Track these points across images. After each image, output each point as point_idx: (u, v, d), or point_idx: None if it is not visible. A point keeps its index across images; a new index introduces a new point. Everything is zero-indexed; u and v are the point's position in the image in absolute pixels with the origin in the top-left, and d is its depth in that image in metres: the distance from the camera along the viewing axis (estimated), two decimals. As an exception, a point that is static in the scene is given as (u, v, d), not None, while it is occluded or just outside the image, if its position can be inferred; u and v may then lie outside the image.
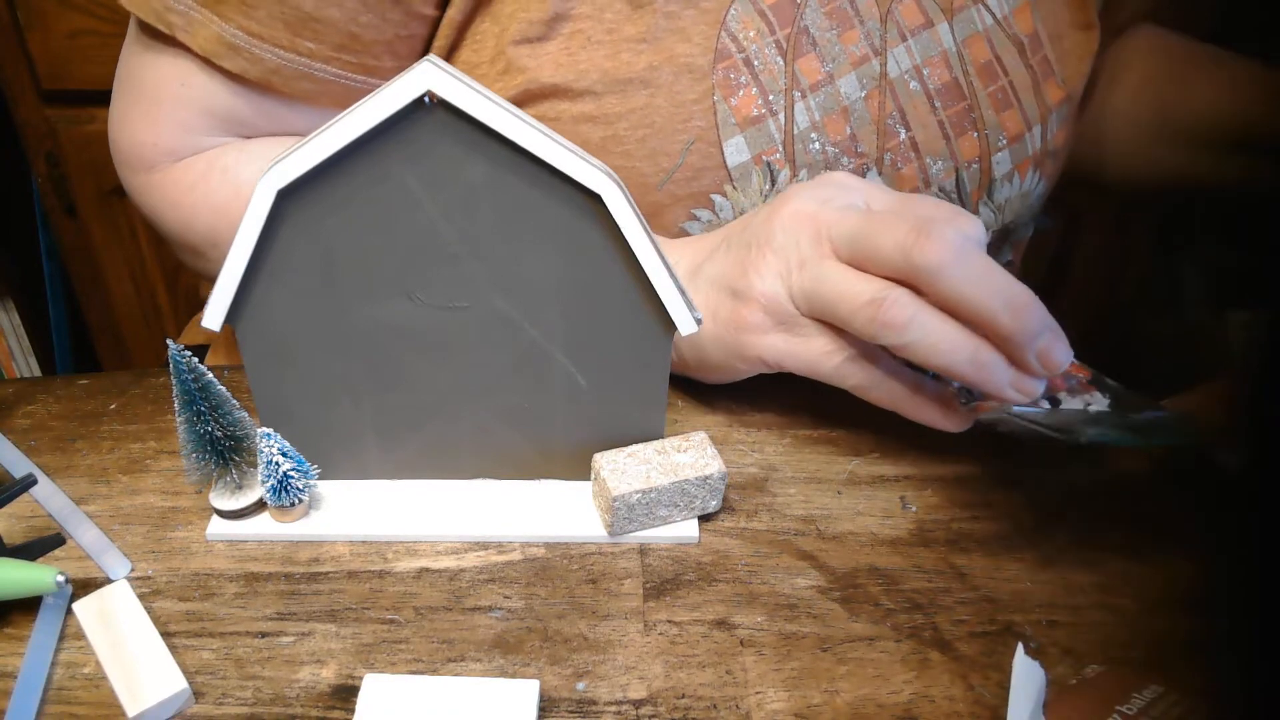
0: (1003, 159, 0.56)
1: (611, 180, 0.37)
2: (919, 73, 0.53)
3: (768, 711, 0.35)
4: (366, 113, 0.35)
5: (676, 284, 0.39)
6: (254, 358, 0.41)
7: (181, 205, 0.54)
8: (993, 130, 0.55)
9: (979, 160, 0.55)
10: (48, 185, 1.21)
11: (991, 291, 0.38)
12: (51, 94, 1.15)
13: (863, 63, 0.51)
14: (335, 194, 0.37)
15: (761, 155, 0.50)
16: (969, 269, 0.38)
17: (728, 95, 0.49)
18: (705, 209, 0.51)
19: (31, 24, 1.09)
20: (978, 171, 0.55)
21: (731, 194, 0.51)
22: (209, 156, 0.53)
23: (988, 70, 0.54)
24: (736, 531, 0.43)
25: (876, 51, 0.52)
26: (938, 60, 0.53)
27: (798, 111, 0.50)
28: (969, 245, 0.39)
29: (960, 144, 0.54)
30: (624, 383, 0.42)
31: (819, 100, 0.51)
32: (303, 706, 0.35)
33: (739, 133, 0.50)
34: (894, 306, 0.39)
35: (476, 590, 0.40)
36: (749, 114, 0.50)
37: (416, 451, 0.44)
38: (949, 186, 0.55)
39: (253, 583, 0.40)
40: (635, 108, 0.49)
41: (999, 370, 0.39)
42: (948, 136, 0.53)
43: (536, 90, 0.50)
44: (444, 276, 0.39)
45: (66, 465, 0.46)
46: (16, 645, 0.37)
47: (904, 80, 0.52)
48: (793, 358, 0.44)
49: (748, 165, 0.50)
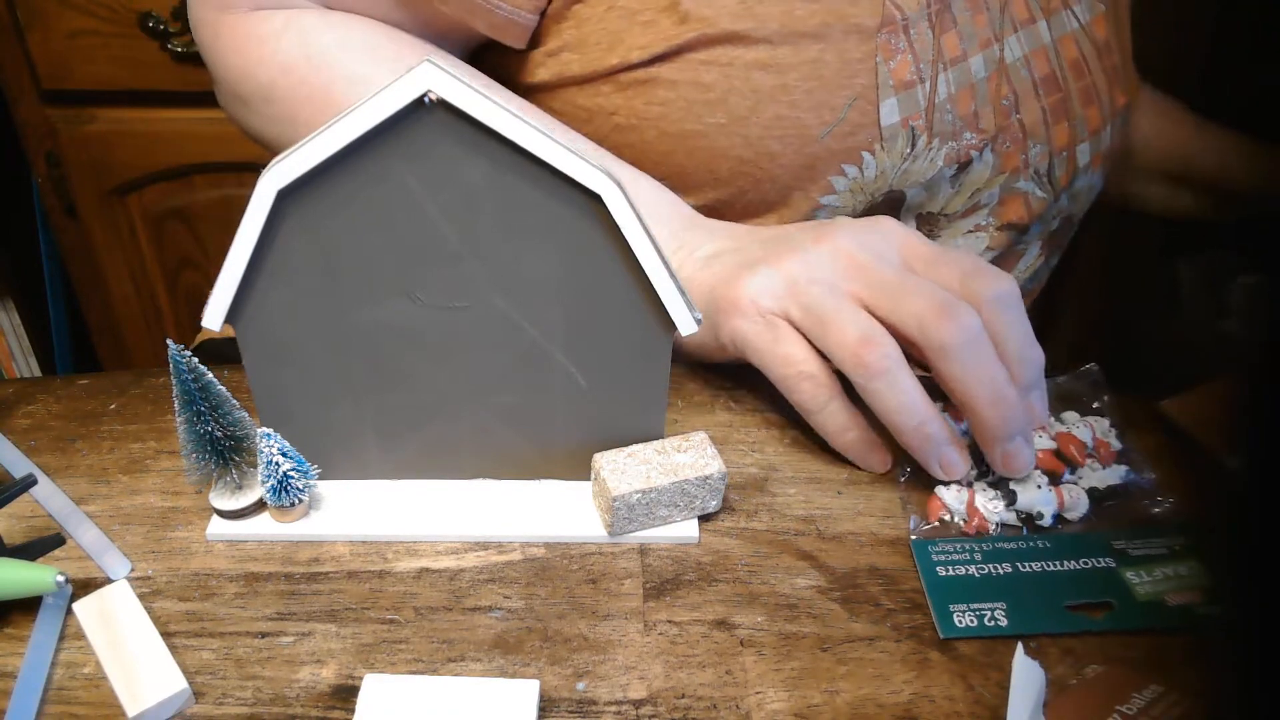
0: (1084, 150, 0.60)
1: (611, 180, 0.37)
2: (1027, 62, 0.56)
3: (768, 711, 0.35)
4: (366, 113, 0.35)
5: (676, 284, 0.39)
6: (254, 358, 0.41)
7: (247, 53, 0.54)
8: (1079, 123, 0.59)
9: (1068, 149, 0.58)
10: (48, 185, 1.21)
11: (984, 384, 0.41)
12: (51, 94, 1.15)
13: (987, 46, 0.55)
14: (335, 194, 0.37)
15: (908, 119, 0.53)
16: (972, 358, 0.41)
17: (888, 58, 0.52)
18: (854, 165, 0.53)
19: (31, 24, 1.09)
20: (1066, 159, 0.59)
21: (879, 153, 0.53)
22: (289, 15, 0.54)
23: (1076, 67, 0.59)
24: (736, 531, 0.43)
25: (997, 38, 0.55)
26: (1040, 53, 0.57)
27: (940, 82, 0.53)
28: (981, 336, 0.41)
29: (1055, 131, 0.57)
30: (624, 383, 0.42)
31: (956, 75, 0.54)
32: (303, 706, 0.35)
33: (894, 95, 0.52)
34: (878, 352, 0.41)
35: (476, 590, 0.40)
36: (904, 78, 0.52)
37: (416, 451, 0.44)
38: (1043, 170, 0.58)
39: (253, 583, 0.40)
40: (807, 60, 0.51)
41: (937, 445, 0.42)
42: (1047, 123, 0.57)
43: (714, 36, 0.51)
44: (444, 276, 0.39)
45: (66, 465, 0.46)
46: (16, 645, 0.37)
47: (1016, 67, 0.56)
48: (755, 350, 0.45)
49: (896, 127, 0.53)
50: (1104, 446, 0.45)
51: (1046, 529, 0.42)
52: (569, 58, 0.55)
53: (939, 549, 0.41)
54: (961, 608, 0.38)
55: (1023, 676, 0.35)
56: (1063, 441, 0.45)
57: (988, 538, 0.42)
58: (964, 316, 0.40)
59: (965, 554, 0.41)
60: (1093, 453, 0.45)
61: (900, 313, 0.42)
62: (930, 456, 0.43)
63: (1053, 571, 0.40)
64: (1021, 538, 0.42)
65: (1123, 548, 0.41)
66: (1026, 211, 0.59)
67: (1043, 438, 0.45)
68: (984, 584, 0.39)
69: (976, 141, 0.55)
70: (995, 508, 0.42)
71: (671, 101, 0.53)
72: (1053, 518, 0.42)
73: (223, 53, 0.56)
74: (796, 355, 0.44)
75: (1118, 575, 0.40)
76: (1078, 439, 0.45)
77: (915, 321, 0.41)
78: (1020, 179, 0.57)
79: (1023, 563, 0.40)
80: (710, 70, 0.51)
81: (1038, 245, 0.63)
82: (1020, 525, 0.43)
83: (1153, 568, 0.40)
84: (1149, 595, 0.39)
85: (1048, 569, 0.40)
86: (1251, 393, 0.22)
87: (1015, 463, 0.42)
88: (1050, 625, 0.38)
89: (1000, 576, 0.40)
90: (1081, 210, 0.64)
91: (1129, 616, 0.38)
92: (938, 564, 0.40)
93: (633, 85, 0.53)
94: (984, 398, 0.41)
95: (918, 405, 0.42)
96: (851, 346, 0.41)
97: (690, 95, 0.52)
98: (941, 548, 0.41)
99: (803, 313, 0.43)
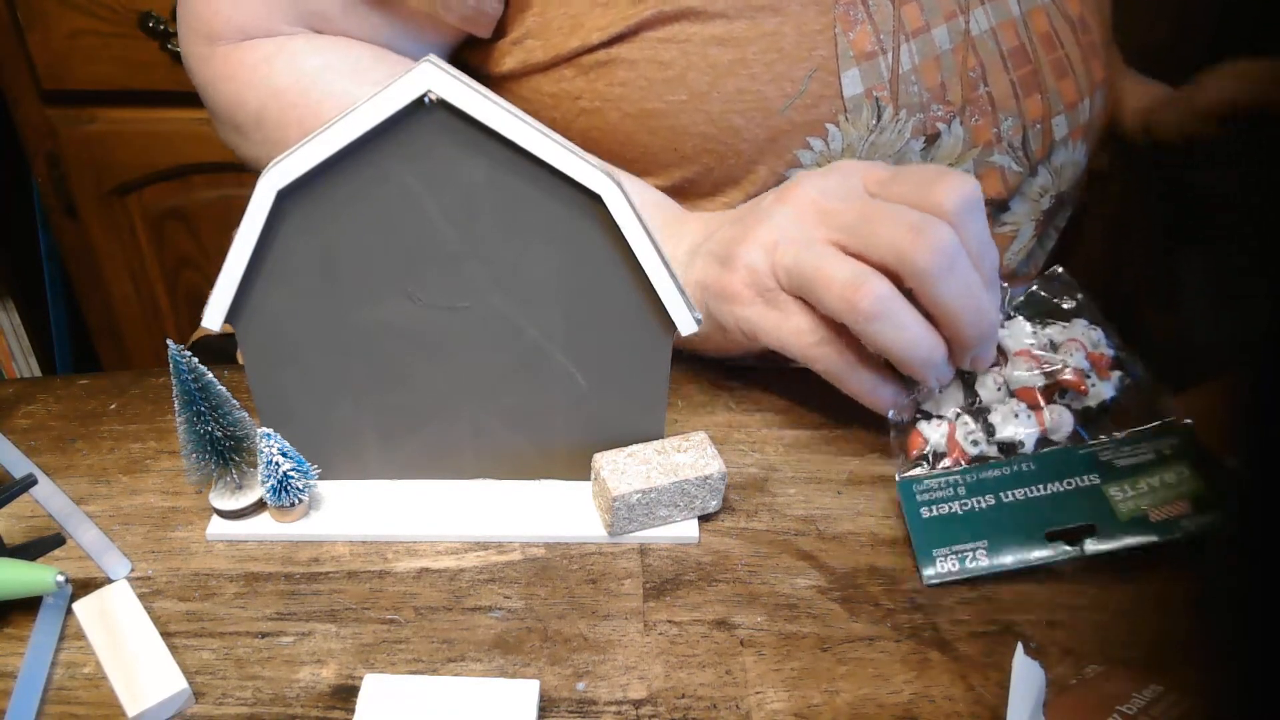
0: (1060, 123, 0.59)
1: (611, 180, 0.37)
2: (994, 34, 0.56)
3: (768, 711, 0.35)
4: (366, 113, 0.35)
5: (676, 284, 0.39)
6: (254, 358, 0.41)
7: (238, 80, 0.55)
8: (1053, 95, 0.58)
9: (1041, 121, 0.58)
10: (48, 185, 1.21)
11: (964, 299, 0.41)
12: (51, 94, 1.15)
13: (952, 17, 0.55)
14: (335, 194, 0.37)
15: (872, 90, 0.53)
16: (952, 277, 0.41)
17: (847, 29, 0.52)
18: (819, 138, 0.53)
19: (31, 24, 1.09)
20: (1040, 132, 0.58)
21: (844, 125, 0.53)
22: (279, 41, 0.55)
23: (1047, 40, 0.58)
24: (736, 531, 0.43)
25: (962, 10, 0.55)
26: (1008, 25, 0.57)
27: (903, 53, 0.53)
28: (958, 253, 0.41)
29: (1027, 104, 0.57)
30: (624, 383, 0.42)
31: (919, 46, 0.54)
32: (303, 706, 0.35)
33: (855, 65, 0.52)
34: (870, 294, 0.41)
35: (476, 590, 0.40)
36: (865, 49, 0.52)
37: (417, 451, 0.44)
38: (1016, 143, 0.58)
39: (253, 583, 0.40)
40: (765, 33, 0.51)
41: (940, 369, 0.43)
42: (1017, 95, 0.57)
43: (670, 13, 0.51)
44: (444, 276, 0.39)
45: (66, 465, 0.46)
46: (16, 645, 0.37)
47: (983, 39, 0.56)
48: (766, 332, 0.45)
49: (860, 98, 0.53)
50: (1099, 361, 0.44)
51: (1032, 454, 0.42)
52: (533, 44, 0.55)
53: (923, 486, 0.41)
54: (944, 551, 0.38)
55: (1022, 676, 0.35)
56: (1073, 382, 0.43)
57: (972, 468, 0.41)
58: (937, 235, 0.40)
59: (949, 489, 0.40)
60: (1090, 372, 0.44)
61: (876, 246, 0.41)
62: (934, 380, 0.43)
63: (1036, 497, 0.40)
64: (1005, 463, 0.41)
65: (1109, 458, 0.41)
66: (1003, 185, 0.59)
67: (1033, 372, 0.44)
68: (966, 521, 0.39)
69: (944, 114, 0.55)
70: (976, 440, 0.42)
71: (632, 81, 0.53)
72: (1035, 443, 0.42)
73: (215, 83, 0.57)
74: (805, 325, 0.44)
75: (1101, 493, 0.40)
76: (1076, 370, 0.43)
77: (891, 252, 0.41)
78: (994, 152, 0.57)
79: (1006, 491, 0.40)
80: (668, 48, 0.52)
81: (1031, 226, 0.62)
82: (1000, 455, 0.42)
83: (1137, 480, 0.40)
84: (1132, 511, 0.39)
85: (1031, 494, 0.40)
86: (1251, 393, 0.22)
87: (983, 364, 0.43)
88: (1029, 555, 0.38)
89: (983, 510, 0.40)
90: (1071, 188, 0.64)
91: (1110, 536, 0.38)
92: (922, 504, 0.40)
93: (594, 67, 0.54)
94: (968, 313, 0.41)
95: (924, 337, 0.41)
96: (841, 295, 0.41)
97: (650, 74, 0.52)
98: (925, 484, 0.41)
99: (787, 276, 0.43)
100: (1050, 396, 0.43)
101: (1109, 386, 0.44)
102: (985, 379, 0.44)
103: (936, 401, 0.44)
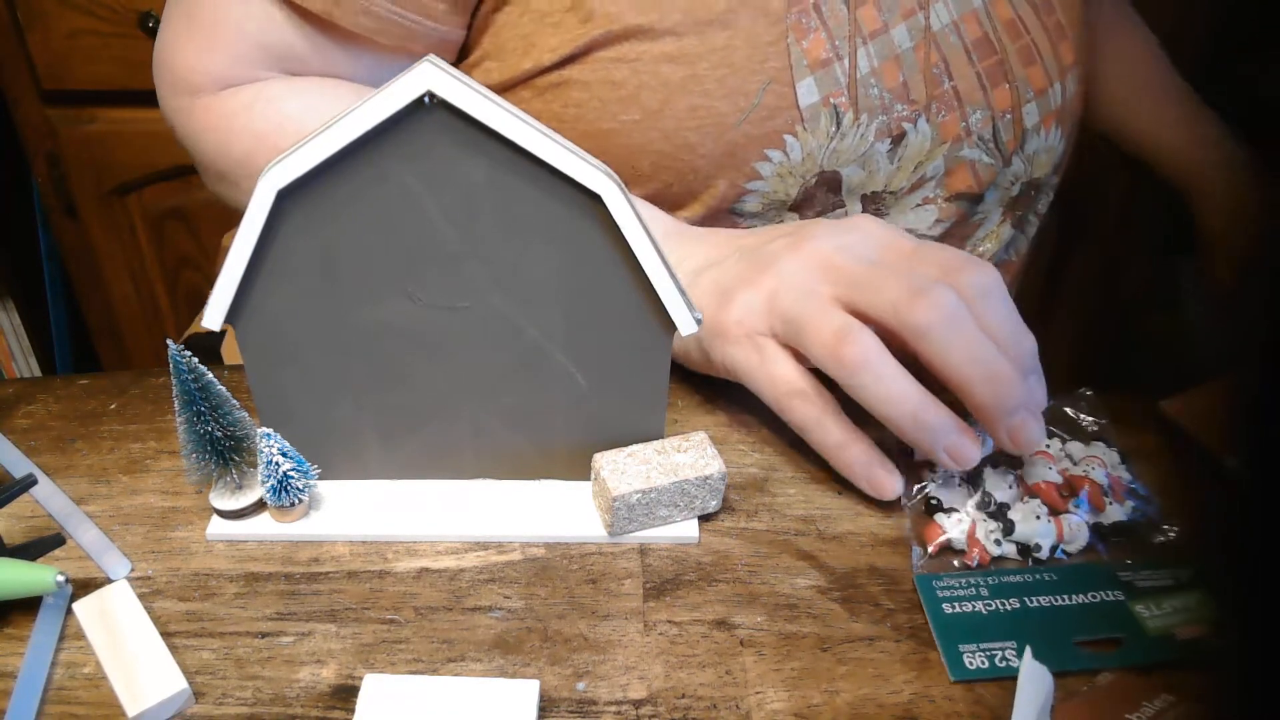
0: (1031, 110, 0.59)
1: (611, 180, 0.37)
2: (956, 27, 0.56)
3: (768, 711, 0.35)
4: (366, 112, 0.35)
5: (676, 284, 0.39)
6: (254, 358, 0.41)
7: (221, 130, 0.55)
8: (1021, 83, 0.58)
9: (1011, 111, 0.58)
10: (48, 185, 1.21)
11: (972, 360, 0.39)
12: (51, 94, 1.15)
13: (910, 15, 0.54)
14: (335, 194, 0.37)
15: (829, 98, 0.52)
16: (954, 335, 0.39)
17: (800, 38, 0.51)
18: (777, 149, 0.53)
19: (31, 24, 1.09)
20: (1011, 122, 0.58)
21: (802, 135, 0.53)
22: (257, 88, 0.55)
23: (1012, 28, 0.58)
24: (736, 531, 0.43)
25: (921, 5, 0.55)
26: (970, 16, 0.56)
27: (860, 57, 0.53)
28: (960, 312, 0.39)
29: (995, 95, 0.57)
30: (624, 383, 0.42)
31: (877, 47, 0.53)
32: (303, 706, 0.35)
33: (810, 74, 0.52)
34: (854, 345, 0.40)
35: (476, 590, 0.40)
36: (819, 56, 0.52)
37: (417, 451, 0.44)
38: (987, 135, 0.57)
39: (253, 583, 0.40)
40: (715, 48, 0.51)
41: (937, 433, 0.40)
42: (984, 88, 0.56)
43: (619, 32, 0.51)
44: (444, 276, 0.39)
45: (66, 465, 0.46)
46: (16, 645, 0.37)
47: (945, 34, 0.55)
48: (746, 374, 0.45)
49: (817, 107, 0.52)
50: (1117, 483, 0.44)
51: (1046, 561, 0.41)
52: (490, 65, 0.55)
53: (944, 584, 0.40)
54: (971, 648, 0.37)
55: (1030, 680, 0.35)
56: (1091, 494, 0.43)
57: (993, 571, 0.40)
58: (938, 295, 0.39)
59: (971, 589, 0.39)
60: (1108, 491, 0.44)
61: (876, 304, 0.41)
62: (935, 446, 0.40)
63: (1061, 606, 0.39)
64: (1027, 570, 0.41)
65: (1129, 579, 0.40)
66: (975, 180, 0.58)
67: (1051, 470, 0.44)
68: (992, 621, 0.38)
69: (908, 113, 0.54)
70: (998, 539, 0.41)
71: (585, 102, 0.53)
72: (1050, 549, 0.41)
73: (198, 134, 0.57)
74: (784, 374, 0.43)
75: (1127, 608, 0.39)
76: (1096, 482, 0.43)
77: (890, 308, 0.40)
78: (964, 147, 0.56)
79: (1030, 597, 0.39)
80: (620, 67, 0.52)
81: (998, 212, 0.62)
82: (1018, 557, 0.42)
83: (1162, 600, 0.39)
84: (1160, 629, 0.38)
85: (1055, 603, 0.39)
86: (1251, 393, 0.22)
87: (1023, 436, 0.40)
88: (1062, 663, 0.37)
89: (1008, 613, 0.39)
90: (1046, 175, 0.63)
91: (1141, 652, 0.37)
92: (944, 600, 0.39)
93: (549, 89, 0.54)
94: (975, 374, 0.39)
95: (907, 393, 0.40)
96: (828, 344, 0.41)
97: (603, 94, 0.52)
98: (947, 583, 0.40)
99: (783, 324, 0.43)
100: (1065, 502, 0.43)
101: (1122, 510, 0.43)
102: (997, 478, 0.43)
103: (949, 494, 0.43)
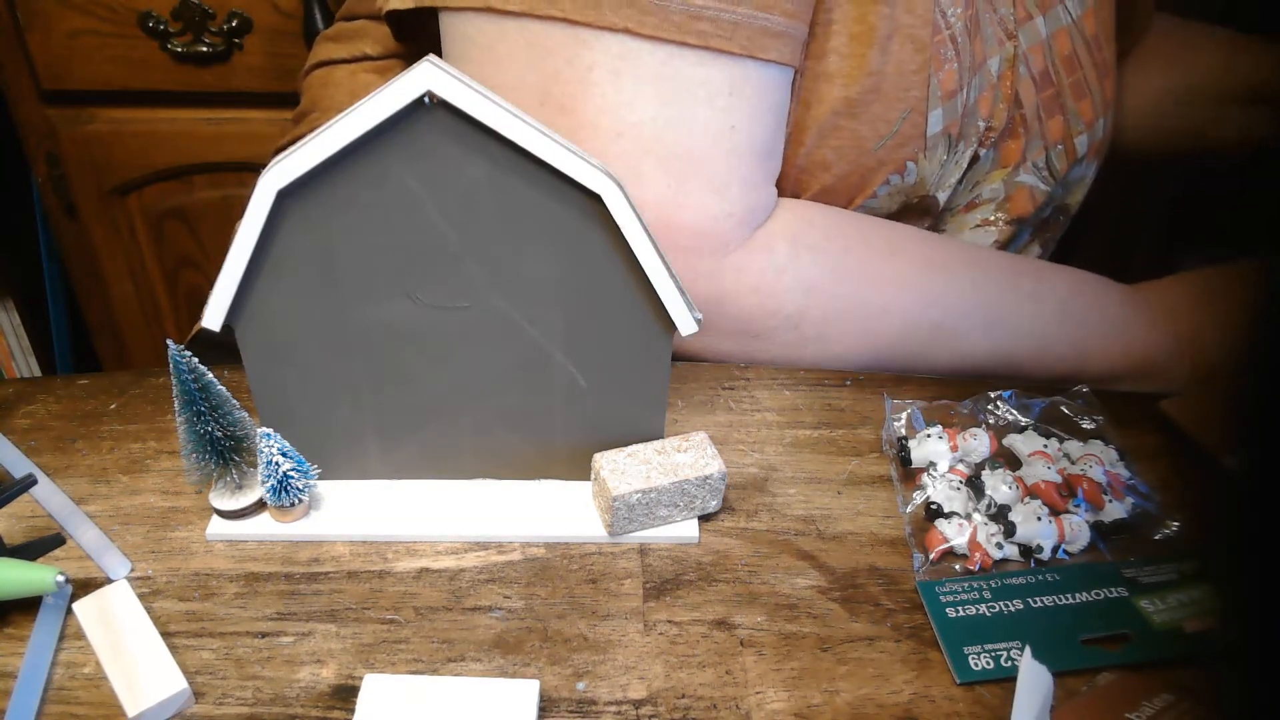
0: (1082, 142, 0.60)
1: (611, 180, 0.37)
2: (1026, 59, 0.57)
3: (768, 711, 0.35)
4: (367, 113, 0.35)
5: (677, 284, 0.39)
6: (254, 358, 0.41)
7: (763, 289, 0.49)
8: (1073, 116, 0.59)
9: (1064, 141, 0.59)
10: (48, 185, 1.20)
11: None
12: (51, 94, 1.15)
13: (1001, 45, 0.55)
14: (336, 194, 0.37)
15: (948, 128, 0.53)
16: None
17: (937, 69, 0.52)
18: (899, 174, 0.54)
19: (31, 24, 1.09)
20: (1063, 152, 0.59)
21: (921, 162, 0.54)
22: (786, 235, 0.50)
23: (1069, 62, 0.59)
24: (736, 531, 0.43)
25: (1010, 35, 0.55)
26: (1037, 48, 0.57)
27: (971, 88, 0.54)
28: None
29: (1049, 125, 0.58)
30: (624, 383, 0.42)
31: (980, 79, 0.54)
32: (303, 706, 0.35)
33: (940, 105, 0.52)
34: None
35: (476, 590, 0.40)
36: (950, 88, 0.52)
37: (417, 451, 0.44)
38: (1040, 164, 0.59)
39: (253, 583, 0.40)
40: (870, 72, 0.51)
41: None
42: (1040, 118, 0.57)
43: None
44: (444, 276, 0.39)
45: (66, 465, 0.46)
46: (16, 645, 0.37)
47: (1019, 63, 0.56)
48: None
49: (938, 136, 0.53)
50: (1116, 480, 0.44)
51: (1048, 562, 0.41)
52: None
53: (946, 589, 0.40)
54: (976, 649, 0.37)
55: (1029, 680, 0.35)
56: (1089, 492, 0.43)
57: (995, 574, 0.41)
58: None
59: (974, 593, 0.39)
60: (1107, 489, 0.44)
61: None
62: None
63: (1065, 605, 0.39)
64: (1029, 571, 0.41)
65: (1133, 575, 0.40)
66: (1032, 204, 0.59)
67: (1050, 469, 0.44)
68: (996, 623, 0.38)
69: (988, 139, 0.55)
70: (1000, 543, 0.41)
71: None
72: (1052, 550, 0.41)
73: (737, 294, 0.49)
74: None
75: (1131, 604, 0.39)
76: (1094, 480, 0.44)
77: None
78: (1020, 172, 0.58)
79: (1033, 598, 0.39)
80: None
81: (1028, 233, 0.64)
82: (1020, 559, 0.42)
83: (1166, 594, 0.39)
84: (1166, 623, 0.38)
85: (1059, 602, 0.39)
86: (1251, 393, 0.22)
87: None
88: (1068, 662, 0.37)
89: (1012, 614, 0.39)
90: (1076, 201, 0.65)
91: (1148, 647, 0.37)
92: (947, 605, 0.39)
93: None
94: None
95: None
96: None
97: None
98: (949, 588, 0.40)
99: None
100: (1065, 502, 0.43)
101: (1122, 508, 0.43)
102: (996, 481, 0.43)
103: (949, 499, 0.43)
